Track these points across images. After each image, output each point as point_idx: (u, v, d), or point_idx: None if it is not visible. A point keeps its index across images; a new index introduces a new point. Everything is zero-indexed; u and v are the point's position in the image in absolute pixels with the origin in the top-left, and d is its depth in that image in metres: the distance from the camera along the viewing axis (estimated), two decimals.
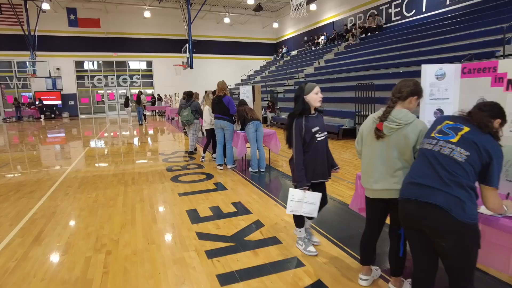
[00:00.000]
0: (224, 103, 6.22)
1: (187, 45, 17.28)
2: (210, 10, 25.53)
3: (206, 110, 6.98)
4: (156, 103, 24.34)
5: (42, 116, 22.08)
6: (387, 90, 9.50)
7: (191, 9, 20.04)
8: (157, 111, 24.57)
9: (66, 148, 9.74)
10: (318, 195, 2.69)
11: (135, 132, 13.61)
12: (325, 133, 2.82)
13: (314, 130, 2.71)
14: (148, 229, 3.60)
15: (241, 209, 4.14)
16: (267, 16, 28.77)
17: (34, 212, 4.23)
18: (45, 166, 7.13)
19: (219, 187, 5.20)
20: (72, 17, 22.85)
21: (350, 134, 10.08)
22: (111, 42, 25.03)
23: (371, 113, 9.58)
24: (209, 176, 5.88)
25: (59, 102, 23.85)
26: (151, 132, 13.57)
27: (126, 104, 15.92)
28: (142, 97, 16.20)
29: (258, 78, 25.47)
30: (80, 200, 4.69)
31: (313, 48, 23.12)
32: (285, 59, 26.20)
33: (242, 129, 6.48)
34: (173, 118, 19.89)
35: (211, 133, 6.94)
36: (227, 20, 26.04)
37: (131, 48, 25.72)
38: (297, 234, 3.07)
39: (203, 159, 7.25)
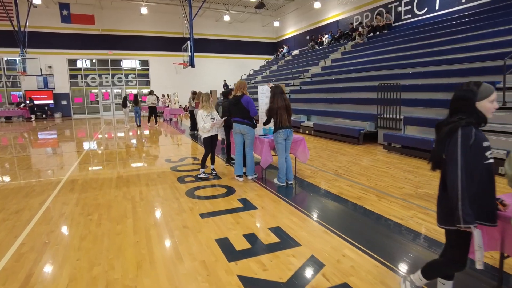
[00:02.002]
0: (242, 104, 5.39)
1: (188, 42, 16.37)
2: (209, 8, 24.63)
3: (200, 115, 5.60)
4: None
5: (33, 116, 20.93)
6: (411, 91, 8.69)
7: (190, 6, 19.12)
8: None
9: (59, 153, 8.79)
10: (480, 232, 1.82)
11: (134, 134, 12.68)
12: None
13: (485, 144, 1.84)
14: (174, 270, 2.74)
15: (285, 239, 3.30)
16: (267, 14, 27.99)
17: (21, 242, 3.34)
18: (35, 176, 6.20)
19: (246, 205, 4.36)
20: (65, 12, 21.70)
21: (371, 138, 9.30)
22: (106, 40, 23.98)
23: (395, 116, 8.92)
24: (230, 190, 5.03)
25: (51, 101, 22.73)
26: (151, 135, 12.64)
27: (124, 104, 15.04)
28: (153, 97, 15.14)
29: (259, 78, 24.65)
30: (79, 223, 3.81)
31: (316, 48, 22.39)
32: (286, 58, 25.44)
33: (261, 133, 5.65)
34: (171, 119, 19.00)
35: (209, 142, 5.76)
36: (226, 18, 25.17)
37: (127, 46, 24.70)
38: None
39: (207, 174, 5.81)
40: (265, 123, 5.35)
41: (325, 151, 8.31)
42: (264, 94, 6.60)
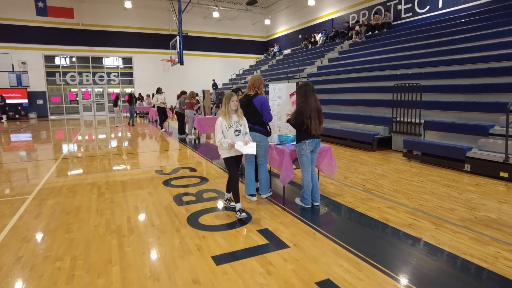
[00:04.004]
0: (255, 106, 4.36)
1: (177, 37, 15.16)
2: (197, 3, 23.40)
3: (219, 125, 3.81)
4: (137, 103, 21.91)
5: (4, 116, 19.17)
6: (427, 93, 7.70)
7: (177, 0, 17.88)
8: (137, 112, 22.14)
9: (29, 161, 7.48)
10: None
11: (116, 136, 11.40)
12: None
13: None
14: None
15: None
16: (257, 12, 27.01)
17: None
18: None
19: (272, 240, 3.31)
20: (40, 4, 19.99)
21: (385, 144, 8.42)
22: (87, 35, 22.42)
23: (414, 120, 8.06)
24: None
25: (25, 100, 20.98)
26: (137, 138, 11.40)
27: (116, 104, 14.26)
28: (161, 96, 13.69)
29: (249, 77, 23.58)
30: (42, 277, 2.67)
31: (309, 47, 21.54)
32: (277, 58, 24.50)
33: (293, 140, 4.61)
34: (156, 121, 17.73)
35: (233, 164, 3.97)
36: (215, 14, 24.03)
37: (109, 43, 23.20)
38: None
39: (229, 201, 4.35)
40: (296, 127, 4.18)
41: (339, 159, 7.35)
42: (276, 94, 5.57)
